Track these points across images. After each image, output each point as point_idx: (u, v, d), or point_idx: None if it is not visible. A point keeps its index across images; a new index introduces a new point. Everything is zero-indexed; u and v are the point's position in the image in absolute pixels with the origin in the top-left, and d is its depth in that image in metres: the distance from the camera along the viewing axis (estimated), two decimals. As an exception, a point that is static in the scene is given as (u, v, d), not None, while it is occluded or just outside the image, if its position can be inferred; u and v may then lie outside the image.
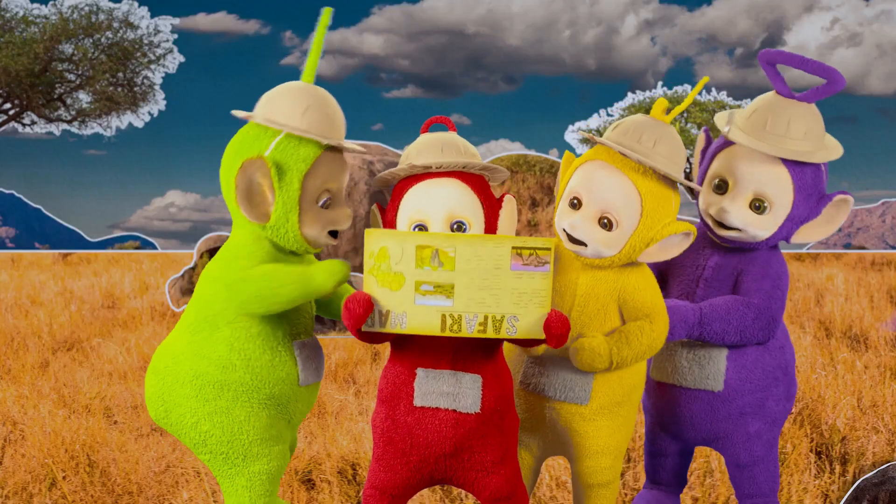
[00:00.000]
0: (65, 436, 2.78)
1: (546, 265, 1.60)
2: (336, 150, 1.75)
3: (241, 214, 1.73)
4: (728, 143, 1.89)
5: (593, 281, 1.79)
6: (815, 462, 2.68)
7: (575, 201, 1.77)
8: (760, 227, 1.85)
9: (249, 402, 1.74)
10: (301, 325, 1.80)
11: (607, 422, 1.83)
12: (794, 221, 1.86)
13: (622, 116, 12.75)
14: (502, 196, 1.76)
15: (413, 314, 1.60)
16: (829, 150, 1.87)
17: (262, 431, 1.75)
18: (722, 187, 1.88)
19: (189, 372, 1.74)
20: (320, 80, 1.81)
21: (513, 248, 1.59)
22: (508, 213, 1.74)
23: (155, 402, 1.78)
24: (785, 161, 1.83)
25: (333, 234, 1.77)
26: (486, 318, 1.60)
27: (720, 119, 1.93)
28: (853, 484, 2.31)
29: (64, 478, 2.54)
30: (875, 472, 2.21)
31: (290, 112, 1.71)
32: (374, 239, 1.61)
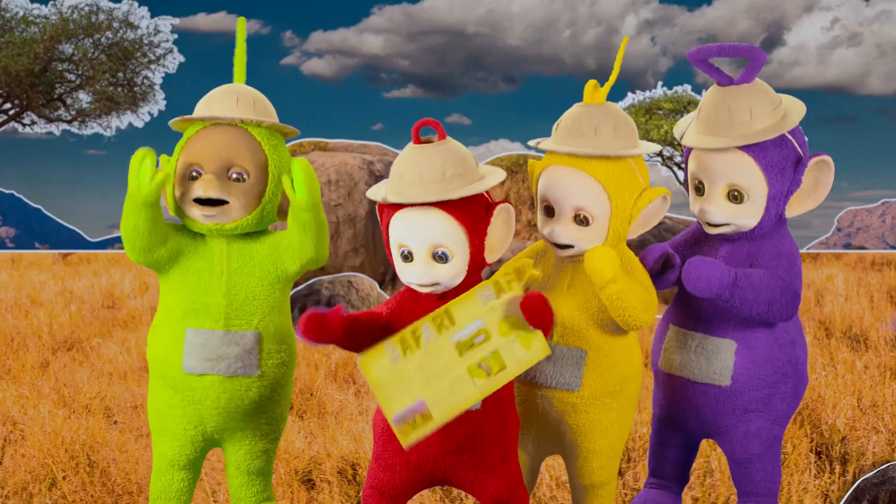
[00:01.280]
0: (65, 436, 2.78)
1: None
2: (218, 127, 1.81)
3: None
4: (690, 150, 1.91)
5: (583, 269, 1.82)
6: (815, 462, 2.68)
7: (547, 209, 1.82)
8: (745, 217, 1.86)
9: (156, 380, 1.86)
10: (205, 314, 1.81)
11: (599, 415, 1.84)
12: (779, 198, 1.86)
13: (622, 116, 12.71)
14: (494, 206, 1.72)
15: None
16: (786, 118, 1.86)
17: (162, 411, 1.86)
18: (700, 189, 1.90)
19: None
20: (320, 81, 1.84)
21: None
22: (502, 222, 1.72)
23: None
24: (741, 147, 1.83)
25: (199, 201, 1.79)
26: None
27: (677, 128, 1.97)
28: (853, 484, 2.31)
29: (64, 478, 2.55)
30: (875, 472, 2.21)
31: (200, 104, 1.87)
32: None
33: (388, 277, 6.36)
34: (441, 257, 1.67)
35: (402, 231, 1.68)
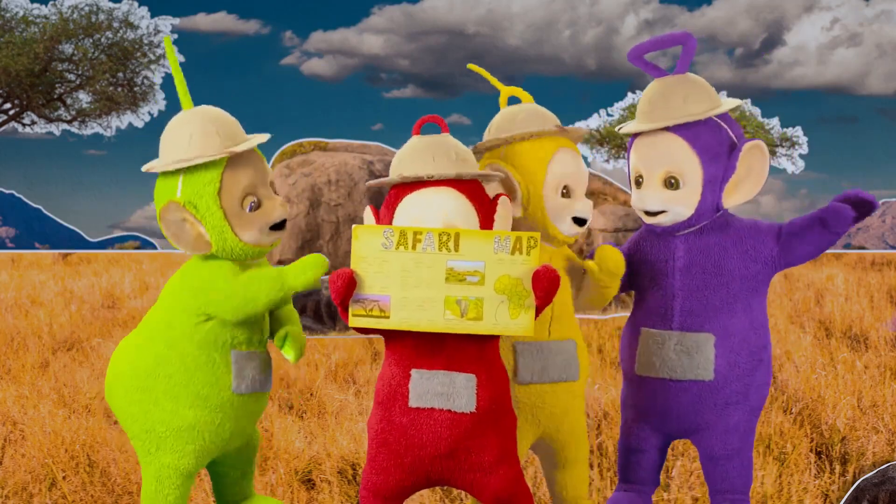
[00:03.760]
0: (65, 436, 2.78)
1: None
2: (241, 153, 1.81)
3: None
4: (631, 144, 1.97)
5: (546, 258, 1.89)
6: (815, 462, 2.69)
7: (565, 190, 1.91)
8: (681, 203, 1.91)
9: (178, 398, 1.83)
10: (244, 336, 1.85)
11: (583, 397, 1.96)
12: (714, 183, 1.90)
13: (622, 116, 12.74)
14: (497, 197, 1.76)
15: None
16: (718, 105, 1.93)
17: (182, 430, 1.84)
18: (639, 182, 1.95)
19: (135, 361, 1.87)
20: (320, 81, 1.84)
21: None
22: (503, 215, 1.75)
23: (107, 384, 1.94)
24: (676, 131, 1.89)
25: (276, 227, 1.83)
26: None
27: (620, 128, 2.06)
28: (853, 484, 2.31)
29: (64, 478, 2.55)
30: (875, 472, 2.22)
31: (179, 146, 1.80)
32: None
33: (388, 277, 6.33)
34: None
35: (414, 211, 1.76)
